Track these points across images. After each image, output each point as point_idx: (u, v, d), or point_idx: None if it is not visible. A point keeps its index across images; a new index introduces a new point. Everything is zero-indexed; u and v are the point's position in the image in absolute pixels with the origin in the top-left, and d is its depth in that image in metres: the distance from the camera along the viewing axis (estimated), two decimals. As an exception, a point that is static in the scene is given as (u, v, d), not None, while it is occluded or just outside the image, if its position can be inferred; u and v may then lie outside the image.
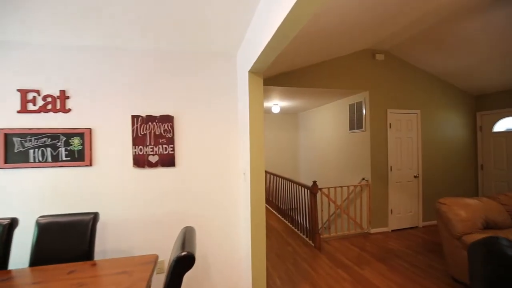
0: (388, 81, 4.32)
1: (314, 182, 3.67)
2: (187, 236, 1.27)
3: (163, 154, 2.29)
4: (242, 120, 2.23)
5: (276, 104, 5.38)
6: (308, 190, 3.82)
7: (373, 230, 4.17)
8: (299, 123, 7.22)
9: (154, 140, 2.27)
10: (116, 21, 1.81)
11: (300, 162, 7.16)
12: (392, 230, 4.29)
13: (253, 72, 1.93)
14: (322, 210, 3.92)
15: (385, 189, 4.25)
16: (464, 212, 2.58)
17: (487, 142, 4.68)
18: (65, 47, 2.13)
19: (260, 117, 1.93)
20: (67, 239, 1.73)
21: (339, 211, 4.37)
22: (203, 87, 2.39)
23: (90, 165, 2.15)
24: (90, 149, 2.15)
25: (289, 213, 4.85)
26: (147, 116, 2.26)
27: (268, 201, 6.22)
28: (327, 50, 3.62)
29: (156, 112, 2.30)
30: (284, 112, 6.81)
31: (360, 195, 4.24)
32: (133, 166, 2.23)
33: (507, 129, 4.42)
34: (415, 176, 4.42)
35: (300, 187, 4.21)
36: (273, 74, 3.76)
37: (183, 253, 1.12)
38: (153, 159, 2.27)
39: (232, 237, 2.43)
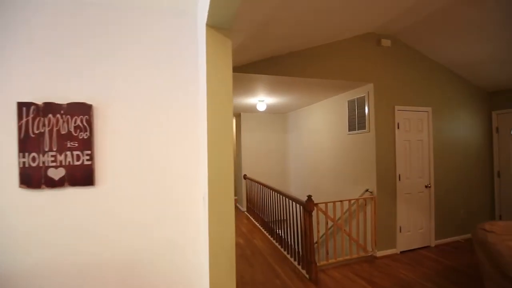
0: (396, 72, 3.61)
1: (309, 197, 2.88)
2: None
3: (74, 165, 1.42)
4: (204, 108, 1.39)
5: (262, 100, 4.57)
6: (301, 207, 3.02)
7: (379, 253, 3.42)
8: (288, 124, 6.45)
9: (58, 144, 1.40)
10: None
11: (290, 169, 6.38)
12: (401, 252, 3.55)
13: (212, 26, 1.11)
14: (318, 231, 3.13)
15: (392, 202, 3.51)
16: (520, 244, 1.85)
17: (505, 145, 4.05)
18: None
19: (226, 98, 1.12)
20: None
21: (336, 227, 3.61)
22: (145, 59, 1.54)
23: None
24: None
25: (276, 229, 4.04)
26: (45, 104, 1.39)
27: (252, 212, 5.39)
28: (323, 29, 2.86)
29: (63, 98, 1.42)
30: (271, 111, 6.02)
31: (363, 210, 3.48)
32: (20, 186, 1.35)
33: (530, 131, 3.81)
34: (426, 186, 3.72)
35: (291, 201, 3.40)
36: (257, 59, 2.95)
37: None
38: (56, 174, 1.39)
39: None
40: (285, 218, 3.78)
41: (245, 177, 5.95)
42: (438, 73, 3.87)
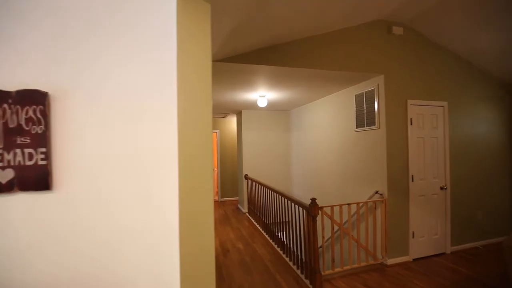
0: (408, 63, 3.31)
1: (313, 200, 2.60)
2: None
3: (25, 166, 1.17)
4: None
5: (263, 95, 4.30)
6: (305, 211, 2.74)
7: (390, 261, 3.13)
8: (291, 121, 6.16)
9: (5, 140, 1.15)
10: None
11: (293, 169, 6.10)
12: (414, 259, 3.25)
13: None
14: (323, 237, 2.86)
15: (405, 205, 3.22)
16: None
17: (527, 143, 3.71)
18: None
19: (202, 74, 0.87)
20: None
21: (343, 233, 3.32)
22: (116, 39, 1.28)
23: None
24: None
25: (278, 233, 3.77)
26: (-11, 91, 1.14)
27: (253, 214, 5.13)
28: (328, 14, 2.57)
29: (11, 84, 1.18)
30: (273, 108, 5.75)
31: (373, 214, 3.19)
32: (-42, 192, 1.11)
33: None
34: (441, 188, 3.41)
35: (293, 204, 3.13)
36: (257, 47, 2.69)
37: None
38: (4, 176, 1.15)
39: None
40: (288, 219, 3.51)
41: (246, 177, 5.70)
42: (455, 64, 3.55)
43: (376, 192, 3.23)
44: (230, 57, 2.63)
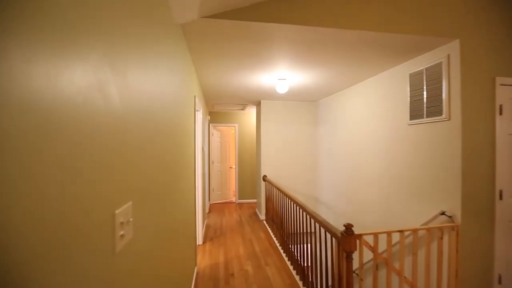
0: (498, 23, 2.22)
1: (349, 228, 1.69)
2: None
3: None
4: None
5: (282, 79, 3.42)
6: (335, 241, 1.84)
7: (463, 316, 2.11)
8: (319, 114, 5.18)
9: None
10: None
11: (320, 170, 5.13)
12: (500, 314, 2.20)
13: None
14: (362, 280, 1.93)
15: (488, 234, 2.17)
16: None
17: None
18: None
19: None
20: None
21: (387, 270, 2.35)
22: None
23: None
24: None
25: (299, 254, 2.90)
26: None
27: (271, 223, 4.29)
28: None
29: None
30: (297, 98, 4.81)
31: (438, 245, 2.19)
32: None
33: None
34: (546, 210, 2.29)
35: (317, 225, 2.24)
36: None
37: None
38: None
39: None
40: (311, 230, 2.63)
41: (264, 178, 4.88)
42: None
43: (443, 213, 2.22)
44: (226, 12, 1.80)
